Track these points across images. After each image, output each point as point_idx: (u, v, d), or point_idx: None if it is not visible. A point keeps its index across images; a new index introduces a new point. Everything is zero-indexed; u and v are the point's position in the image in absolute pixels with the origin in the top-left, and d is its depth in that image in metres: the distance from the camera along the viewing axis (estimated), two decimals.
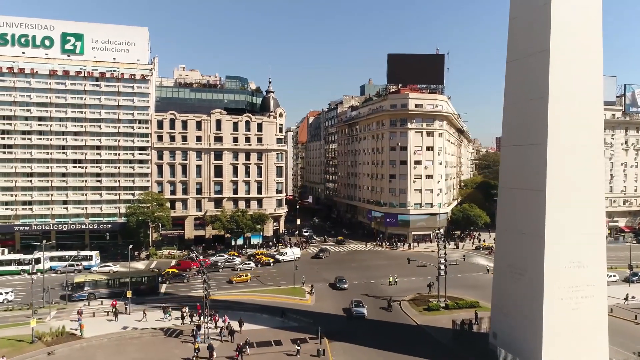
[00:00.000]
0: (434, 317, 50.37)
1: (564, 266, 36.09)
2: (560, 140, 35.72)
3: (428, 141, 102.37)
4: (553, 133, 35.59)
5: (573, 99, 35.99)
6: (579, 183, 36.26)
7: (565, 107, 35.82)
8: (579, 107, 36.18)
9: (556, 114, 35.62)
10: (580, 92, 36.21)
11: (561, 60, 35.51)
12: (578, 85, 36.16)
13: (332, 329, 46.69)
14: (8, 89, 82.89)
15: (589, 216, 36.65)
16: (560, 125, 35.77)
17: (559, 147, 35.68)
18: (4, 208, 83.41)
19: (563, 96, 35.69)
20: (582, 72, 36.23)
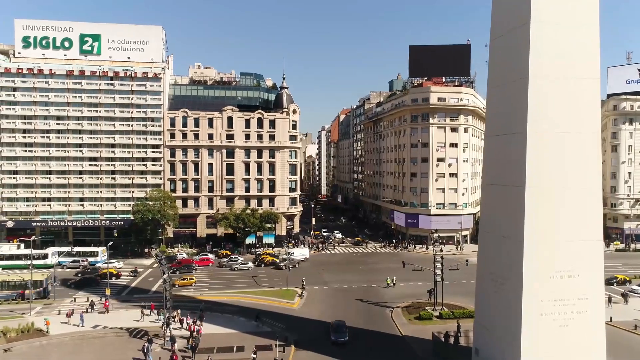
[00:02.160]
0: (423, 327, 45.71)
1: (549, 276, 30.75)
2: (544, 128, 30.48)
3: (452, 137, 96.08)
4: (534, 119, 30.41)
5: (561, 79, 30.61)
6: (569, 178, 30.79)
7: (550, 88, 30.53)
8: (568, 88, 30.74)
9: (538, 96, 30.42)
10: (570, 70, 30.73)
11: (545, 33, 30.29)
12: (567, 63, 30.71)
13: (305, 336, 43.41)
14: (29, 90, 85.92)
15: (583, 218, 31.05)
16: (544, 110, 30.53)
17: (541, 135, 30.46)
18: (25, 204, 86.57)
19: (547, 75, 30.42)
20: (573, 46, 30.72)
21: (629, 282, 61.10)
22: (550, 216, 30.61)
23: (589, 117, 31.14)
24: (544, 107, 30.56)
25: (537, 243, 30.48)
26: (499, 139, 34.00)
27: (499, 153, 34.20)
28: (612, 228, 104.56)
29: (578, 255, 31.00)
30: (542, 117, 30.55)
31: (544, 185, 30.52)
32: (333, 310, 51.80)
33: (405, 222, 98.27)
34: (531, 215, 30.41)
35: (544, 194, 30.55)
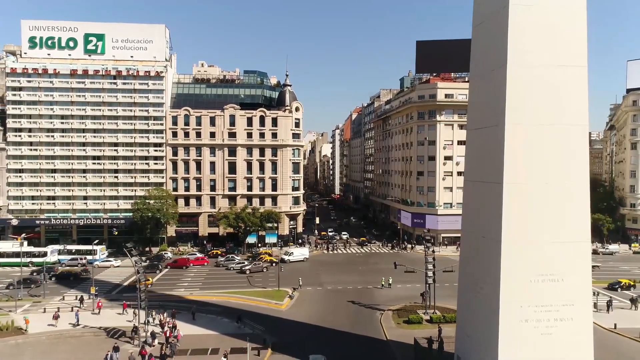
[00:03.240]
0: (410, 332, 43.60)
1: (530, 279, 28.46)
2: (524, 120, 28.23)
3: (460, 134, 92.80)
4: (514, 110, 28.18)
5: (543, 67, 28.28)
6: (553, 175, 28.44)
7: (531, 77, 28.25)
8: (552, 77, 28.38)
9: (518, 86, 28.19)
10: (554, 57, 28.38)
11: (526, 17, 28.01)
12: (551, 50, 28.38)
13: (285, 339, 41.98)
14: (34, 89, 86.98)
15: (568, 217, 28.66)
16: (524, 101, 28.27)
17: (521, 128, 28.21)
18: (30, 202, 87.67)
19: (528, 63, 28.14)
20: (558, 32, 28.36)
21: (633, 287, 57.52)
22: (531, 215, 28.34)
23: (575, 109, 28.70)
24: (525, 98, 28.31)
25: (517, 244, 28.24)
26: (478, 133, 31.86)
27: (478, 148, 32.07)
28: (631, 229, 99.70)
29: (562, 257, 28.61)
30: (522, 108, 28.30)
31: (524, 182, 28.27)
32: (321, 313, 50.24)
33: (411, 222, 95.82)
34: (509, 214, 28.19)
35: (524, 191, 28.30)
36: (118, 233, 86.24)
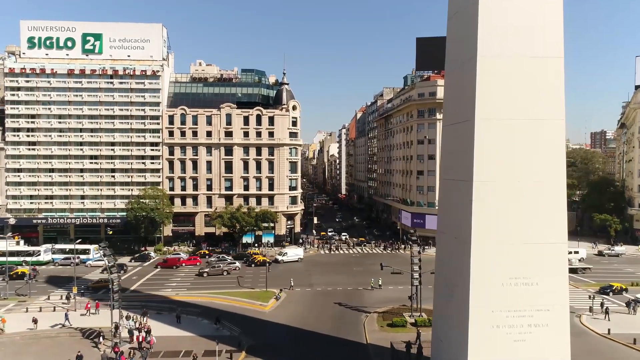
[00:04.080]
0: (393, 335, 42.19)
1: (502, 283, 26.95)
2: (495, 114, 26.73)
3: None
4: (484, 104, 26.70)
5: (516, 58, 26.77)
6: (527, 172, 26.90)
7: (503, 69, 26.74)
8: (526, 69, 26.84)
9: (489, 78, 26.70)
10: (528, 48, 26.82)
11: (497, 4, 26.56)
12: (524, 40, 26.82)
13: (262, 341, 40.95)
14: (32, 89, 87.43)
15: (543, 217, 27.08)
16: (496, 94, 26.78)
17: (492, 122, 26.73)
18: (29, 202, 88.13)
19: (500, 54, 26.64)
20: (531, 21, 26.79)
21: (625, 291, 55.14)
22: (502, 215, 26.83)
23: (551, 103, 27.12)
24: (496, 91, 26.82)
25: (487, 245, 26.76)
26: (452, 129, 30.40)
27: (451, 144, 30.64)
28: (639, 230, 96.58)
29: (537, 260, 27.04)
30: (493, 102, 26.82)
31: (495, 180, 26.78)
32: (305, 315, 49.10)
33: (411, 222, 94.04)
34: (479, 213, 26.74)
35: (496, 190, 26.80)
36: (113, 232, 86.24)
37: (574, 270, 68.79)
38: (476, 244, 26.79)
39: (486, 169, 26.77)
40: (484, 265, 26.83)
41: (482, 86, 26.72)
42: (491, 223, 26.79)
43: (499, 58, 26.73)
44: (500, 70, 26.77)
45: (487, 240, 26.74)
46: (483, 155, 26.77)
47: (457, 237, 28.72)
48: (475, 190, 26.71)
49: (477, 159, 26.77)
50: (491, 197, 26.76)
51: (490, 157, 26.79)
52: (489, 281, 26.85)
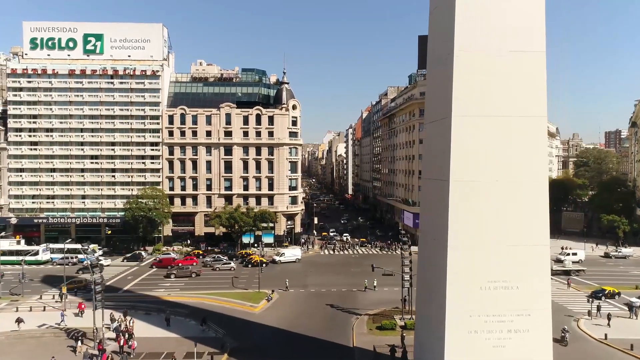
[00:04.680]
0: (381, 338, 41.27)
1: (480, 286, 25.93)
2: (473, 111, 25.73)
3: None
4: (461, 100, 25.73)
5: (495, 53, 25.74)
6: (506, 171, 25.87)
7: (481, 64, 25.72)
8: (505, 64, 25.78)
9: (466, 73, 25.71)
10: (508, 42, 25.78)
11: None
12: (504, 34, 25.79)
13: (246, 343, 40.35)
14: (33, 90, 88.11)
15: (523, 218, 26.01)
16: (474, 90, 25.79)
17: (470, 120, 25.75)
18: (31, 201, 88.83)
19: (478, 49, 25.65)
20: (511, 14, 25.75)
21: (618, 295, 53.29)
22: (480, 216, 25.83)
23: (531, 99, 26.03)
24: (474, 87, 25.81)
25: (465, 247, 25.78)
26: (432, 127, 29.44)
27: (432, 143, 29.72)
28: None
29: (517, 262, 25.99)
30: (471, 98, 25.82)
31: (473, 179, 25.79)
32: (295, 316, 48.41)
33: (413, 223, 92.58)
34: (456, 214, 25.77)
35: (474, 189, 25.79)
36: (113, 232, 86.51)
37: (567, 272, 67.25)
38: (452, 245, 25.85)
39: (463, 167, 25.79)
40: (461, 268, 25.86)
41: (460, 82, 25.74)
42: (468, 224, 25.80)
43: (477, 53, 25.72)
44: (478, 65, 25.75)
45: (464, 241, 25.76)
46: (460, 153, 25.80)
47: (436, 238, 27.72)
48: (451, 189, 25.76)
49: (454, 157, 25.81)
50: (469, 197, 25.78)
51: (468, 156, 25.81)
52: (466, 284, 25.87)
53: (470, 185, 25.77)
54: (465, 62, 25.66)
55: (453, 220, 25.77)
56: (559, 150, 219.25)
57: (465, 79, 25.73)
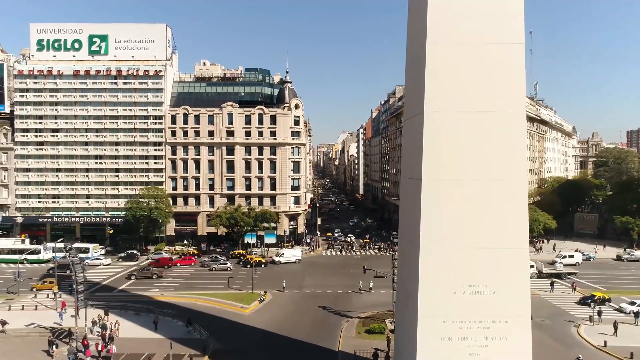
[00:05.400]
0: (369, 342, 40.16)
1: (454, 291, 24.62)
2: (447, 106, 24.44)
3: None
4: (433, 95, 24.49)
5: (469, 45, 24.44)
6: (482, 170, 24.49)
7: (455, 57, 24.45)
8: (481, 56, 24.45)
9: (439, 67, 24.48)
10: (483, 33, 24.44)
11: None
12: (479, 24, 24.45)
13: (230, 345, 39.68)
14: (39, 90, 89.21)
15: (501, 219, 24.60)
16: (447, 85, 24.52)
17: (443, 116, 24.47)
18: (37, 201, 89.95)
19: (451, 40, 24.38)
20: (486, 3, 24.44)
21: (608, 301, 50.85)
22: (455, 216, 24.51)
23: (509, 93, 24.61)
24: (448, 81, 24.53)
25: (438, 249, 24.52)
26: (408, 124, 28.25)
27: (408, 140, 28.50)
28: None
29: (494, 266, 24.58)
30: (445, 93, 24.54)
31: (446, 178, 24.49)
32: (284, 319, 47.54)
33: None
34: (429, 214, 24.52)
35: (447, 188, 24.51)
36: (116, 231, 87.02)
37: (558, 275, 65.07)
38: (425, 247, 24.62)
39: (436, 166, 24.54)
40: (434, 271, 24.61)
41: (432, 76, 24.51)
42: (442, 225, 24.53)
43: (451, 45, 24.42)
44: (452, 58, 24.45)
45: (438, 243, 24.51)
46: (433, 151, 24.56)
47: (411, 240, 26.49)
48: (424, 189, 24.54)
49: (426, 155, 24.59)
50: (442, 196, 24.51)
51: (441, 154, 24.55)
52: (439, 288, 24.60)
53: (444, 185, 24.49)
54: (438, 55, 24.42)
55: (426, 221, 24.55)
56: (575, 150, 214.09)
57: (438, 72, 24.48)
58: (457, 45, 24.40)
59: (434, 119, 24.48)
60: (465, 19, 24.33)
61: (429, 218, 24.52)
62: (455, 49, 24.41)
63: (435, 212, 24.49)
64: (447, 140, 24.53)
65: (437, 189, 24.49)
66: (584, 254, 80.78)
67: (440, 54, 24.40)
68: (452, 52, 24.42)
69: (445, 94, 24.50)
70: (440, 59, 24.41)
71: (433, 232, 24.51)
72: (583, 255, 80.00)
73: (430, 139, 24.53)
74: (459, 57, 24.42)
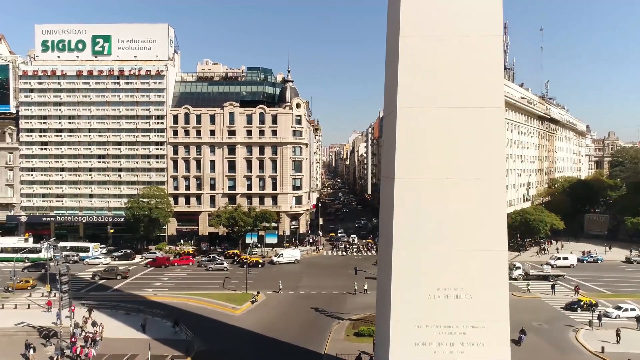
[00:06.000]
0: (357, 345, 39.16)
1: (429, 294, 23.64)
2: (420, 102, 23.54)
3: None
4: (406, 90, 23.62)
5: (444, 38, 23.46)
6: (457, 168, 23.51)
7: (429, 51, 23.51)
8: (455, 50, 23.46)
9: (412, 61, 23.58)
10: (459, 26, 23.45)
11: None
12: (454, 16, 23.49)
13: (215, 347, 39.18)
14: (43, 91, 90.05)
15: (477, 220, 23.57)
16: (421, 79, 23.59)
17: (416, 111, 23.57)
18: (41, 200, 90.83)
19: (425, 33, 23.45)
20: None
21: (595, 307, 49.09)
22: (430, 217, 23.55)
23: (485, 88, 23.56)
24: (422, 76, 23.60)
25: (412, 251, 23.60)
26: (386, 121, 27.35)
27: (386, 138, 27.60)
28: None
29: (470, 269, 23.56)
30: (419, 88, 23.62)
31: (420, 176, 23.56)
32: (274, 320, 46.87)
33: None
34: (401, 215, 23.63)
35: (421, 188, 23.57)
36: (118, 231, 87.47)
37: (545, 277, 63.39)
38: (398, 249, 23.74)
39: (410, 164, 23.62)
40: (408, 274, 23.70)
41: (405, 70, 23.61)
42: (415, 226, 23.59)
43: (426, 38, 23.49)
44: (426, 52, 23.51)
45: (411, 244, 23.59)
46: (406, 149, 23.66)
47: (387, 241, 25.59)
48: (396, 188, 23.65)
49: (400, 153, 23.69)
50: (416, 196, 23.57)
51: (415, 152, 23.61)
52: (412, 291, 23.67)
53: (418, 184, 23.55)
54: (412, 49, 23.50)
55: (399, 221, 23.65)
56: (590, 150, 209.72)
57: (411, 66, 23.56)
58: (432, 38, 23.45)
59: (408, 115, 23.58)
60: (440, 12, 23.38)
61: (402, 218, 23.63)
62: (429, 43, 23.46)
63: (409, 212, 23.58)
64: (422, 137, 23.61)
65: (411, 188, 23.58)
66: (592, 256, 78.74)
67: (414, 47, 23.48)
68: (427, 45, 23.48)
69: (420, 90, 23.58)
70: (414, 52, 23.49)
71: (406, 233, 23.60)
72: (591, 257, 78.05)
73: (403, 136, 23.63)
74: (433, 50, 23.46)
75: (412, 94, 23.51)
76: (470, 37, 23.37)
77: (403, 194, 23.59)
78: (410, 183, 23.56)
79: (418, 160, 23.56)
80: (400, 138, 23.58)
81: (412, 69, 23.52)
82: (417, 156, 23.56)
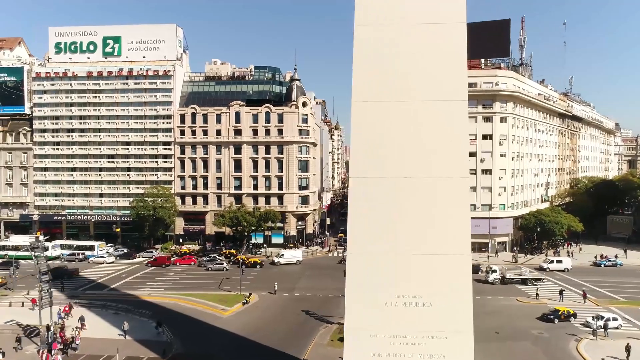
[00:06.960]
0: (339, 351, 37.28)
1: (385, 302, 22.10)
2: (375, 95, 22.01)
3: (485, 128, 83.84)
4: (361, 82, 22.24)
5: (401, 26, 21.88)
6: (417, 167, 21.90)
7: (385, 40, 21.98)
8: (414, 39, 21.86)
9: (366, 51, 22.11)
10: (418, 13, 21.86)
11: None
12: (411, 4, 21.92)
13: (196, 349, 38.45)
14: (56, 92, 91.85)
15: (439, 222, 21.87)
16: (377, 71, 22.06)
17: (372, 105, 22.09)
18: (54, 199, 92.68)
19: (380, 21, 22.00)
20: None
21: (573, 317, 45.69)
22: (386, 219, 22.04)
23: (449, 80, 21.89)
24: (378, 68, 22.13)
25: (367, 255, 22.14)
26: None
27: None
28: None
29: (431, 275, 21.94)
30: (375, 80, 22.15)
31: (378, 175, 22.09)
32: (262, 323, 45.84)
33: None
34: (358, 215, 22.21)
35: (379, 187, 22.07)
36: (125, 230, 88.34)
37: (524, 281, 60.11)
38: (352, 252, 22.36)
39: (367, 162, 22.19)
40: (362, 279, 22.27)
41: (360, 62, 22.18)
42: (372, 227, 22.10)
43: (381, 27, 21.99)
44: (382, 42, 22.01)
45: (365, 248, 22.11)
46: (363, 145, 22.25)
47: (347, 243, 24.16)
48: (351, 187, 22.28)
49: (355, 150, 22.33)
50: (373, 195, 22.09)
51: (372, 148, 22.15)
52: (367, 298, 22.22)
53: (375, 182, 22.06)
54: (367, 38, 22.04)
55: (353, 222, 22.26)
56: (619, 149, 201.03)
57: (367, 57, 22.09)
58: (388, 26, 21.92)
59: (363, 109, 22.14)
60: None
61: (357, 219, 22.21)
62: (385, 31, 21.93)
63: (365, 212, 22.11)
64: (379, 133, 22.10)
65: (368, 187, 22.12)
66: (610, 259, 74.72)
67: (369, 36, 22.01)
68: (383, 34, 21.96)
69: (377, 82, 22.08)
70: (370, 42, 22.02)
71: (361, 235, 22.15)
72: (609, 261, 74.15)
73: (359, 132, 22.20)
74: (390, 40, 21.93)
75: (367, 86, 22.06)
76: (430, 24, 21.75)
77: (357, 194, 22.20)
78: (367, 181, 22.16)
79: (375, 157, 22.09)
80: (355, 133, 22.17)
81: (367, 60, 22.05)
82: (374, 153, 22.10)
